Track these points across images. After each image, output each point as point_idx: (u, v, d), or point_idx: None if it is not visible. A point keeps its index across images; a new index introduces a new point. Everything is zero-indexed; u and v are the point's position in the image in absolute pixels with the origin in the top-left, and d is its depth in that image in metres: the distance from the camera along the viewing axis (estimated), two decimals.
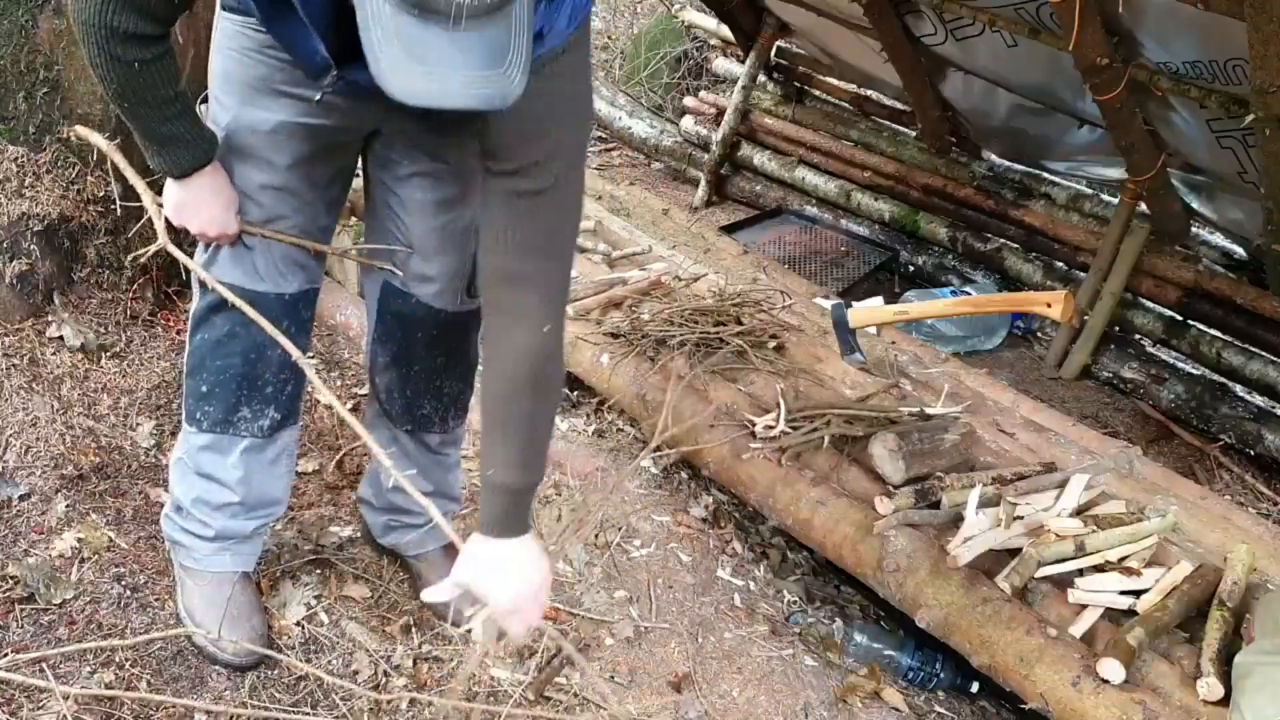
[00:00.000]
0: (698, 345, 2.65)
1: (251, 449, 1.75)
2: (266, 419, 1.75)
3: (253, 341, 1.68)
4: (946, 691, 2.19)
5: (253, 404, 1.73)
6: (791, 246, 4.32)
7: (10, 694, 1.60)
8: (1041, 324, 4.16)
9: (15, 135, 2.22)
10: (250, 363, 1.70)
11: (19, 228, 2.21)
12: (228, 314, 1.66)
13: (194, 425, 1.74)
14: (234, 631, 1.75)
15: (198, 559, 1.80)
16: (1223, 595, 1.96)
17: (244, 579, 1.84)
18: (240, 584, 1.82)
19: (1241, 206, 3.48)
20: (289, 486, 1.90)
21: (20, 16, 2.17)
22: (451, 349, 1.87)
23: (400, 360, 1.85)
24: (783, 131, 4.82)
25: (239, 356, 1.69)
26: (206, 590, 1.80)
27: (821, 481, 2.24)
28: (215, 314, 1.68)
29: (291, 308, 1.70)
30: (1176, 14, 2.56)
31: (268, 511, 1.84)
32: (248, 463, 1.76)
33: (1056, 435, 2.63)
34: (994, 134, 4.15)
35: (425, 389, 1.88)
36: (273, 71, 1.52)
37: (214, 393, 1.71)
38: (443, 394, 1.90)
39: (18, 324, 2.21)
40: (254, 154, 1.59)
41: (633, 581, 2.27)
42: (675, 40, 5.85)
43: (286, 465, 1.85)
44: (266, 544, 1.98)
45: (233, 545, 1.81)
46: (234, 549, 1.81)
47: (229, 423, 1.72)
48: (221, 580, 1.80)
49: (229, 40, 1.55)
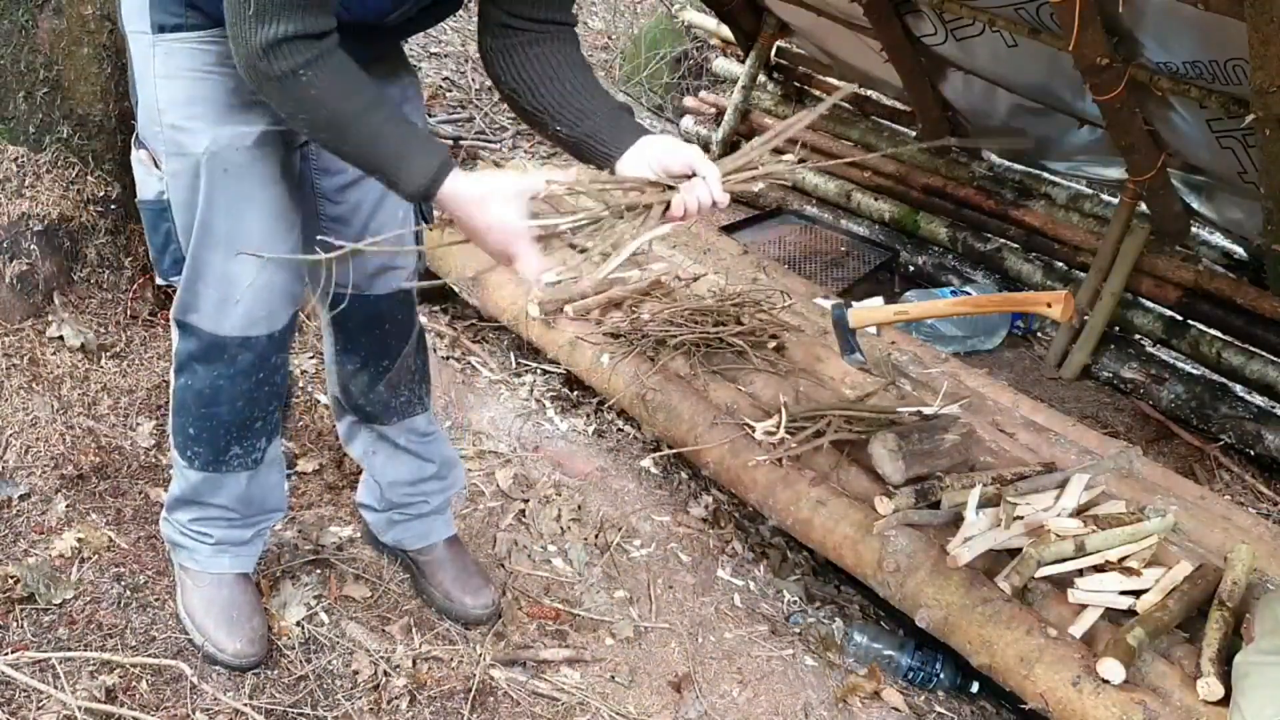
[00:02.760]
0: (698, 345, 2.65)
1: (246, 478, 1.74)
2: (258, 452, 1.73)
3: (239, 390, 1.63)
4: (946, 691, 2.19)
5: (244, 443, 1.70)
6: (791, 246, 4.32)
7: (10, 694, 1.60)
8: (1041, 324, 4.15)
9: (15, 135, 2.22)
10: (238, 411, 1.65)
11: (19, 228, 2.21)
12: (209, 365, 1.60)
13: (185, 461, 1.71)
14: (234, 633, 1.75)
15: (198, 560, 1.80)
16: (1223, 595, 1.96)
17: (244, 580, 1.83)
18: (240, 585, 1.82)
19: (1241, 206, 3.48)
20: (285, 489, 1.90)
21: (20, 16, 2.17)
22: (410, 324, 1.87)
23: (370, 360, 1.84)
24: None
25: (225, 407, 1.64)
26: (206, 591, 1.80)
27: (821, 481, 2.24)
28: (197, 363, 1.61)
29: (280, 342, 1.66)
30: (1176, 14, 2.56)
31: (267, 518, 1.85)
32: (242, 487, 1.75)
33: (1056, 435, 2.63)
34: (994, 134, 4.15)
35: (399, 376, 1.88)
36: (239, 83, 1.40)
37: (201, 438, 1.67)
38: (414, 373, 1.91)
39: (18, 324, 2.21)
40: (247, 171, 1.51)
41: (633, 581, 2.28)
42: (675, 40, 5.84)
43: (278, 474, 1.84)
44: (266, 544, 1.98)
45: (232, 549, 1.81)
46: (234, 551, 1.81)
47: (220, 463, 1.70)
48: (221, 581, 1.80)
49: (179, 63, 1.46)
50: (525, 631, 2.05)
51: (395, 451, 1.95)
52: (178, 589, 1.83)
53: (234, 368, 1.61)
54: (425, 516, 2.02)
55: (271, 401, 1.70)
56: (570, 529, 2.37)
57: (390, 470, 1.97)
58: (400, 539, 2.04)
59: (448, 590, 2.01)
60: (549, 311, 2.76)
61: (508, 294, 2.88)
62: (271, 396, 1.69)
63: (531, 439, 2.68)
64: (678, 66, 5.82)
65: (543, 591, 2.17)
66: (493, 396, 2.82)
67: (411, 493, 1.99)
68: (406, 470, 1.97)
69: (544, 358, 2.93)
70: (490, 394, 2.83)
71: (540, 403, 2.86)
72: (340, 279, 1.52)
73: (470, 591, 2.01)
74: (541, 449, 2.65)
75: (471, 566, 2.06)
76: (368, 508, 2.06)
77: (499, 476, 2.48)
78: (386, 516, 2.03)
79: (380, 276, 1.76)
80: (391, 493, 1.99)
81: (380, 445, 1.95)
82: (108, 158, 2.35)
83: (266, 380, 1.65)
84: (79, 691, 1.61)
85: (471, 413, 2.72)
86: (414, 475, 1.98)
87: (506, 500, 2.42)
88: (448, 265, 2.94)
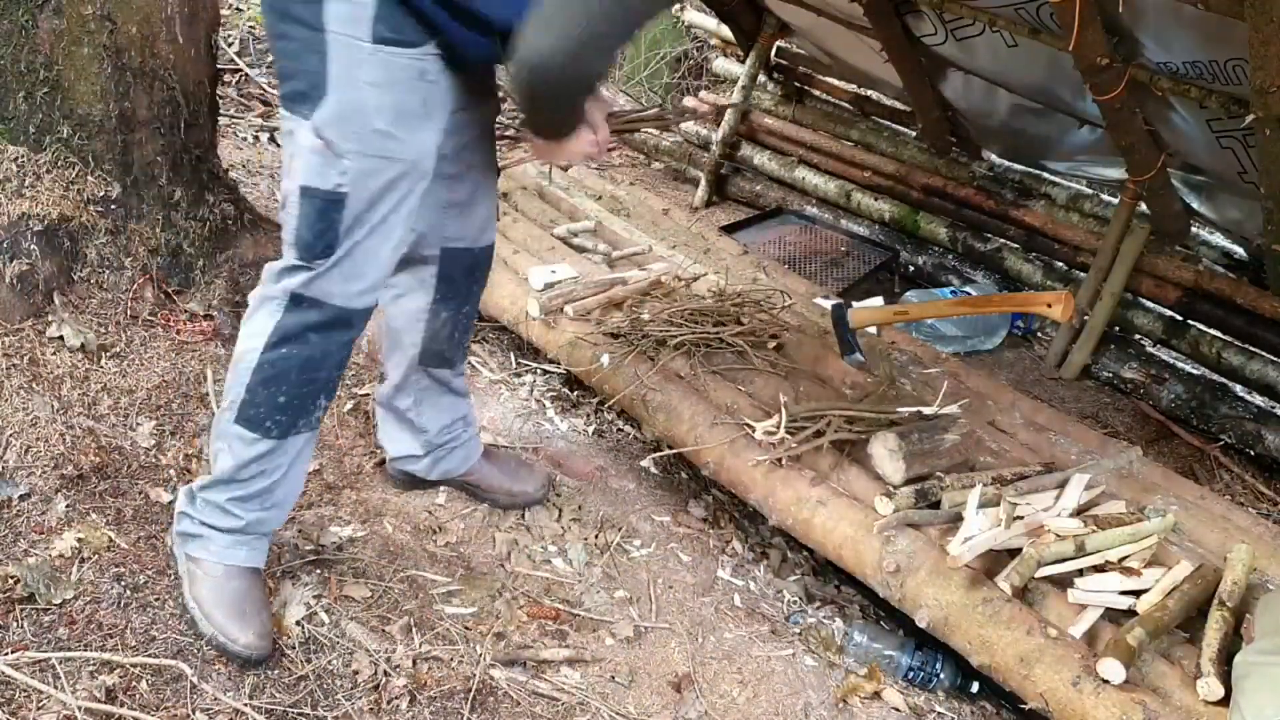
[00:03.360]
0: (698, 345, 2.65)
1: (305, 442, 1.84)
2: (322, 410, 1.84)
3: (344, 355, 1.80)
4: (946, 691, 2.19)
5: (321, 403, 1.82)
6: (791, 246, 4.31)
7: (10, 694, 1.60)
8: (1041, 324, 4.16)
9: (15, 135, 2.22)
10: (331, 374, 1.79)
11: (19, 228, 2.21)
12: (329, 333, 1.73)
13: (259, 432, 1.76)
14: (246, 626, 1.77)
15: (213, 551, 1.82)
16: (1223, 595, 1.96)
17: (255, 574, 1.85)
18: (252, 579, 1.84)
19: (1241, 206, 3.48)
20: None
21: (20, 16, 2.17)
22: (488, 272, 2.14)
23: (458, 308, 2.09)
24: (783, 131, 4.81)
25: (326, 372, 1.77)
26: (219, 582, 1.81)
27: (821, 482, 2.24)
28: (313, 333, 1.73)
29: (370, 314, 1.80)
30: (1176, 14, 2.56)
31: (289, 507, 1.89)
32: (296, 456, 1.83)
33: (1056, 435, 2.63)
34: (994, 134, 4.15)
35: (468, 324, 2.16)
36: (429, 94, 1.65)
37: (292, 404, 1.76)
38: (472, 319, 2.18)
39: (18, 324, 2.21)
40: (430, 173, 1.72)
41: (633, 581, 2.28)
42: (675, 40, 5.85)
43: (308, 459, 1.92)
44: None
45: (251, 540, 1.84)
46: (251, 544, 1.84)
47: (301, 425, 1.79)
48: (233, 574, 1.82)
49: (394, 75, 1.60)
50: (525, 631, 2.05)
51: (444, 394, 2.20)
52: (185, 581, 1.83)
53: (348, 334, 1.77)
54: (465, 444, 2.29)
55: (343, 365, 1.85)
56: (570, 529, 2.37)
57: (438, 414, 2.22)
58: (448, 470, 2.30)
59: (508, 489, 2.35)
60: (549, 311, 2.76)
61: (508, 294, 2.88)
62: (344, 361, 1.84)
63: (531, 439, 2.68)
64: (678, 66, 5.83)
65: (543, 591, 2.17)
66: (493, 396, 2.82)
67: (452, 428, 2.25)
68: (449, 411, 2.23)
69: (544, 358, 2.93)
70: (490, 394, 2.83)
71: (540, 403, 2.86)
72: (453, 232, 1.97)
73: (523, 481, 2.37)
74: (541, 449, 2.65)
75: (512, 463, 2.41)
76: (410, 458, 2.28)
77: None
78: (431, 458, 2.27)
79: (485, 230, 2.03)
80: (437, 436, 2.24)
81: (429, 393, 2.19)
82: (108, 158, 2.35)
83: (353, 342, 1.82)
84: (79, 691, 1.61)
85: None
86: (455, 414, 2.25)
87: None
88: None
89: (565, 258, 3.12)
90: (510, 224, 3.37)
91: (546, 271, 2.91)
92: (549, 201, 3.66)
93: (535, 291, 2.83)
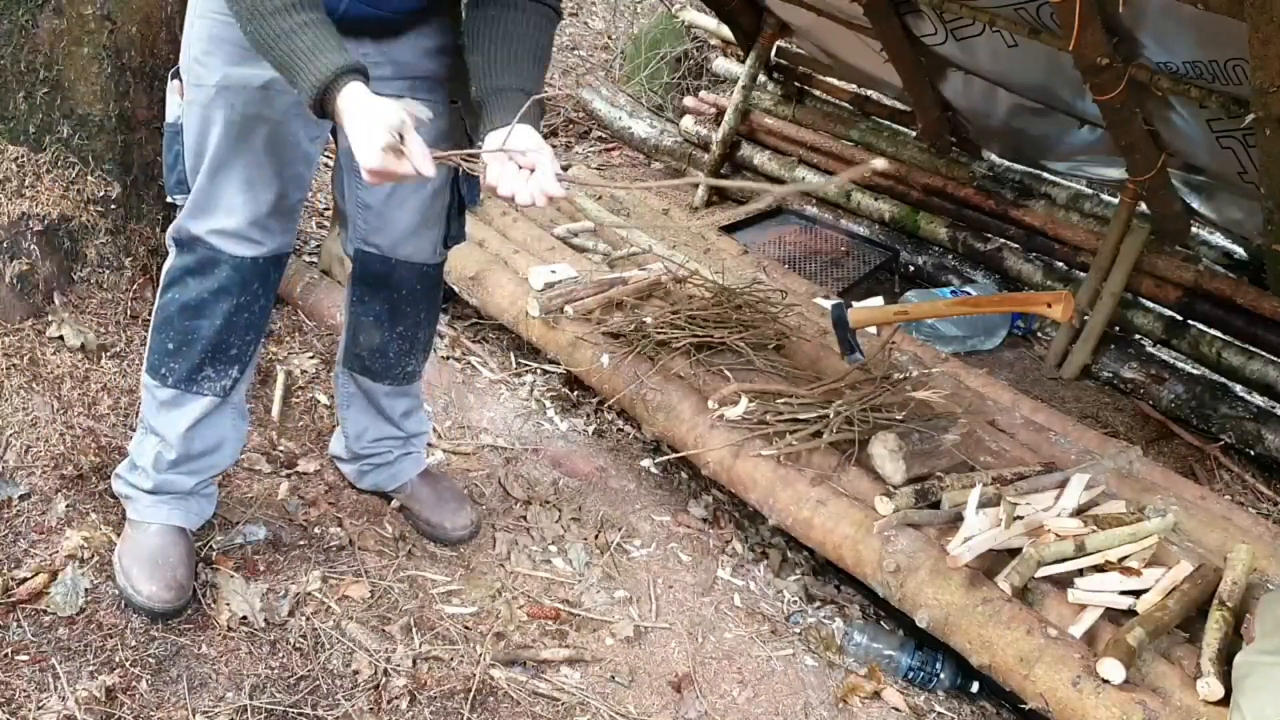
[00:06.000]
0: (698, 346, 2.65)
1: (208, 408, 1.83)
2: (228, 379, 1.83)
3: (221, 308, 1.75)
4: (946, 691, 2.19)
5: (216, 365, 1.80)
6: (791, 246, 4.31)
7: (10, 694, 1.60)
8: (1041, 324, 4.15)
9: (15, 135, 2.22)
10: (218, 330, 1.77)
11: (19, 228, 2.21)
12: (202, 278, 1.73)
13: (157, 379, 1.81)
14: (154, 578, 1.79)
15: (139, 510, 1.87)
16: (1223, 595, 1.96)
17: (179, 533, 1.87)
18: (173, 537, 1.86)
19: (1241, 206, 3.48)
20: (238, 442, 1.96)
21: (20, 16, 2.17)
22: (425, 299, 2.01)
23: (383, 321, 1.99)
24: (783, 131, 4.81)
25: (207, 321, 1.76)
26: (138, 539, 1.85)
27: (821, 481, 2.24)
28: (190, 276, 1.75)
29: (263, 272, 1.77)
30: (1176, 14, 2.56)
31: (208, 466, 1.90)
32: (198, 420, 1.83)
33: (1056, 435, 2.63)
34: (994, 134, 4.15)
35: (409, 346, 2.04)
36: None
37: (180, 351, 1.78)
38: (422, 346, 2.07)
39: (18, 324, 2.21)
40: (250, 110, 1.64)
41: (633, 581, 2.28)
42: (675, 40, 5.84)
43: (233, 421, 1.92)
44: (261, 538, 2.00)
45: (170, 500, 1.87)
46: (172, 503, 1.87)
47: (192, 381, 1.80)
48: (154, 531, 1.85)
49: (212, 5, 1.61)
50: (525, 631, 2.05)
51: (368, 408, 2.11)
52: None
53: (219, 283, 1.73)
54: (391, 463, 2.19)
55: (249, 332, 1.81)
56: (570, 529, 2.37)
57: (360, 421, 2.14)
58: (376, 483, 2.22)
59: (427, 518, 2.20)
60: (549, 311, 2.76)
61: (508, 294, 2.88)
62: (249, 326, 1.80)
63: (531, 439, 2.68)
64: (678, 66, 5.82)
65: (543, 591, 2.17)
66: (493, 396, 2.82)
67: (379, 444, 2.17)
68: (373, 428, 2.14)
69: (544, 358, 2.93)
70: (490, 394, 2.83)
71: (540, 403, 2.86)
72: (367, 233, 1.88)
73: (448, 515, 2.20)
74: (541, 449, 2.65)
75: (447, 493, 2.24)
76: (339, 459, 2.25)
77: (499, 476, 2.48)
78: (357, 467, 2.21)
79: (405, 243, 1.91)
80: (356, 444, 2.16)
81: (355, 400, 2.12)
82: (108, 158, 2.35)
83: (246, 307, 1.78)
84: (79, 691, 1.61)
85: (471, 413, 2.72)
86: (378, 434, 2.15)
87: (506, 500, 2.42)
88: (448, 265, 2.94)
89: (565, 257, 3.12)
90: (510, 224, 3.37)
91: (546, 271, 2.91)
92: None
93: (535, 291, 2.83)
